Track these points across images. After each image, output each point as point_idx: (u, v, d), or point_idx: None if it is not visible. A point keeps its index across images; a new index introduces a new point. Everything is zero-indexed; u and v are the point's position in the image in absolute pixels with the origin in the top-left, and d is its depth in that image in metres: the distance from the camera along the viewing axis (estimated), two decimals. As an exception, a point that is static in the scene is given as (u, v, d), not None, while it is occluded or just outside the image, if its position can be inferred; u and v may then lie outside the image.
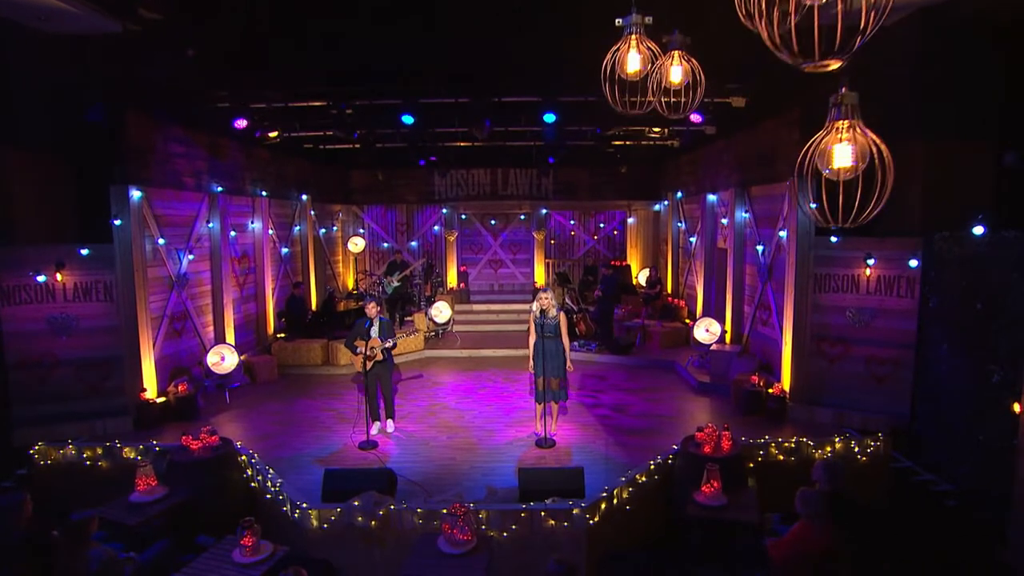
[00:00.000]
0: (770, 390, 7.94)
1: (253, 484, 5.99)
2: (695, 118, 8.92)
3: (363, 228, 15.84)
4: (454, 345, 11.71)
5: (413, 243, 15.73)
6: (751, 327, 9.66)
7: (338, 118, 9.19)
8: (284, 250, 12.12)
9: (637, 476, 5.71)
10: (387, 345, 7.11)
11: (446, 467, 6.42)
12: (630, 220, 15.27)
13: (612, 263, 11.75)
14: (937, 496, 6.42)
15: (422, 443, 7.10)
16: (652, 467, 5.90)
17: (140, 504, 5.23)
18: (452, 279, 14.85)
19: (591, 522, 5.10)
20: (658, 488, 5.92)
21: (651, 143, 12.62)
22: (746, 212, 9.78)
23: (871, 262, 7.27)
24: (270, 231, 11.43)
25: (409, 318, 12.56)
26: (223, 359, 8.75)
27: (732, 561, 4.93)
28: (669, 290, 13.52)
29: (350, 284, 15.14)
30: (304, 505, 5.20)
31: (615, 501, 5.39)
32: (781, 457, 6.49)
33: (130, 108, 7.56)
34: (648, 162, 14.19)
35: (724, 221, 10.76)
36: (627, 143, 12.57)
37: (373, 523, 5.13)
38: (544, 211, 14.79)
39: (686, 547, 5.33)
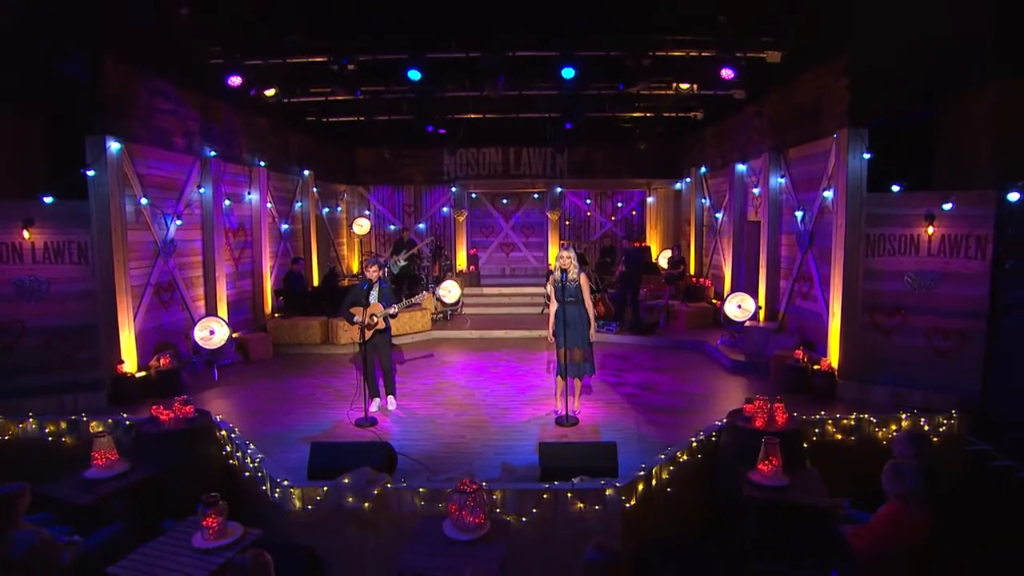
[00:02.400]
0: (815, 367, 7.02)
1: (232, 462, 5.16)
2: (726, 73, 8.01)
3: (369, 210, 15.05)
4: (464, 326, 10.85)
5: (421, 225, 14.91)
6: (788, 302, 8.72)
7: (339, 74, 8.38)
8: (284, 226, 11.33)
9: (678, 454, 4.83)
10: (390, 312, 6.27)
11: (454, 446, 5.57)
12: (649, 200, 14.35)
13: (635, 243, 10.83)
14: (1021, 484, 5.47)
15: (427, 421, 6.26)
16: (694, 444, 5.03)
17: (96, 481, 4.42)
18: (461, 261, 13.99)
19: (627, 505, 4.23)
20: (701, 468, 5.04)
21: (672, 116, 11.78)
22: (782, 177, 8.86)
23: (935, 219, 6.34)
24: (269, 204, 10.65)
25: (416, 299, 11.70)
26: (212, 333, 7.95)
27: (798, 552, 4.03)
28: (692, 271, 12.59)
29: (355, 268, 14.31)
30: (285, 483, 4.36)
31: (654, 482, 4.52)
32: (839, 436, 5.59)
33: (110, 55, 6.79)
34: (669, 137, 13.27)
35: (756, 191, 9.84)
36: (647, 115, 11.72)
37: (366, 505, 4.28)
38: (559, 190, 13.91)
39: (740, 536, 4.43)
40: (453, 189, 14.12)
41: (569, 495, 4.20)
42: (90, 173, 6.46)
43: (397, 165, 14.48)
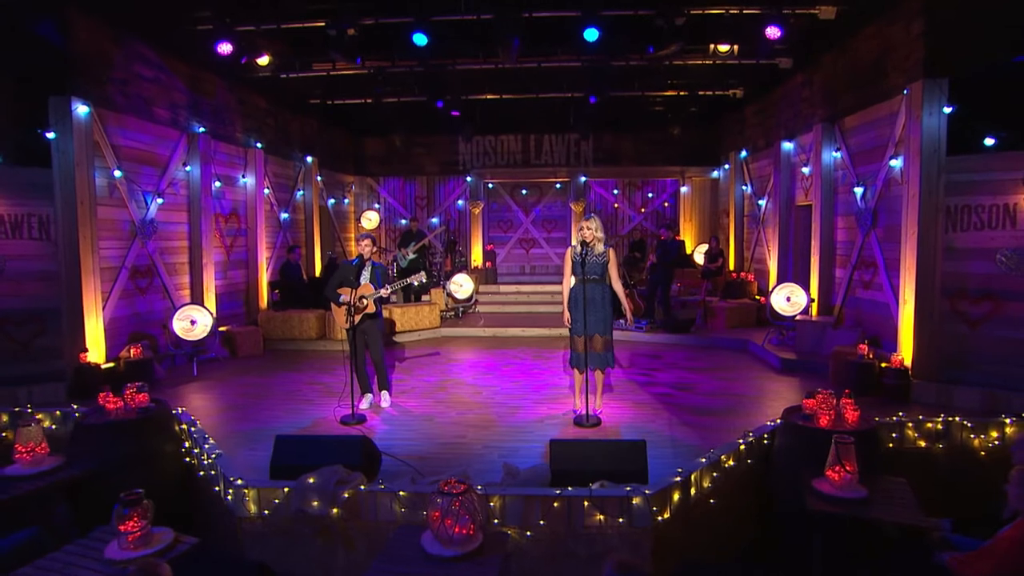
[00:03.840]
0: (883, 364, 6.15)
1: (189, 459, 4.55)
2: (771, 32, 7.26)
3: (379, 202, 14.57)
4: (476, 324, 10.19)
5: (434, 219, 14.36)
6: (846, 293, 7.85)
7: (338, 40, 7.88)
8: (284, 215, 10.87)
9: (723, 457, 4.06)
10: (381, 293, 5.64)
11: (451, 446, 4.88)
12: (683, 190, 13.55)
13: (668, 234, 10.00)
14: None
15: (424, 419, 5.58)
16: (743, 447, 4.25)
17: (16, 478, 3.83)
18: (477, 257, 13.38)
19: (660, 518, 3.48)
20: (750, 475, 4.26)
21: (709, 95, 11.05)
22: (837, 151, 8.03)
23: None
24: (266, 190, 10.20)
25: (426, 296, 11.13)
26: (193, 323, 7.43)
27: (884, 584, 3.22)
28: (732, 267, 11.74)
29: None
30: (239, 482, 3.72)
31: (693, 490, 3.76)
32: (922, 443, 4.74)
33: (81, 11, 6.39)
34: (705, 120, 12.51)
35: (805, 170, 9.01)
36: (680, 94, 11.00)
37: (334, 511, 3.62)
38: (583, 179, 13.23)
39: (801, 559, 3.63)
40: (468, 179, 13.55)
41: (586, 504, 3.47)
42: (50, 135, 6.01)
43: (408, 154, 14.00)
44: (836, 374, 6.57)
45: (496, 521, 3.48)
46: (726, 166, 12.37)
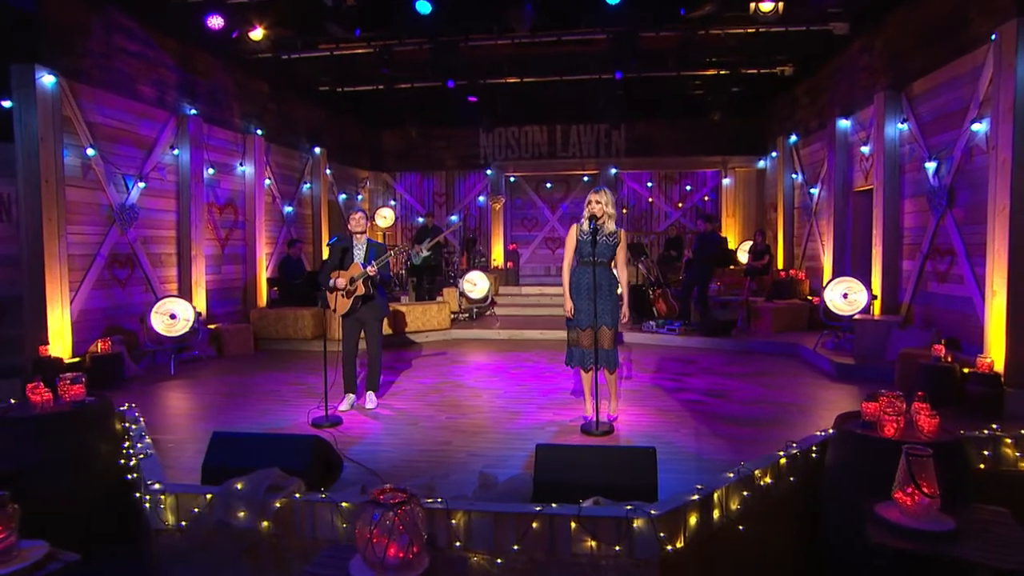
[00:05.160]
0: (966, 369, 5.28)
1: (123, 461, 4.07)
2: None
3: (395, 199, 14.20)
4: (492, 326, 9.60)
5: (454, 217, 13.89)
6: (916, 287, 6.96)
7: (334, 9, 7.50)
8: (287, 209, 10.57)
9: (756, 472, 3.34)
10: (367, 272, 5.12)
11: (430, 453, 4.28)
12: (725, 182, 12.72)
13: (706, 227, 9.14)
14: None
15: (408, 423, 5.01)
16: (783, 461, 3.52)
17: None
18: (498, 256, 12.83)
19: (669, 547, 2.79)
20: (792, 496, 3.52)
21: (753, 74, 10.27)
22: (903, 123, 7.19)
23: None
24: (267, 181, 9.90)
25: (440, 296, 10.63)
26: (174, 317, 7.07)
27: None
28: (781, 264, 10.85)
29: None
30: (156, 486, 3.21)
31: (716, 512, 3.06)
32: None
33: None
34: (748, 103, 11.68)
35: (865, 149, 8.16)
36: (720, 74, 10.27)
37: (264, 524, 3.05)
38: (613, 171, 12.57)
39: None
40: (488, 172, 13.05)
41: (573, 525, 2.81)
42: (6, 104, 5.75)
43: (426, 147, 13.61)
44: (903, 381, 5.71)
45: (459, 544, 2.85)
46: (773, 154, 11.52)
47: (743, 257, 11.40)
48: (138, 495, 3.42)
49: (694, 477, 3.59)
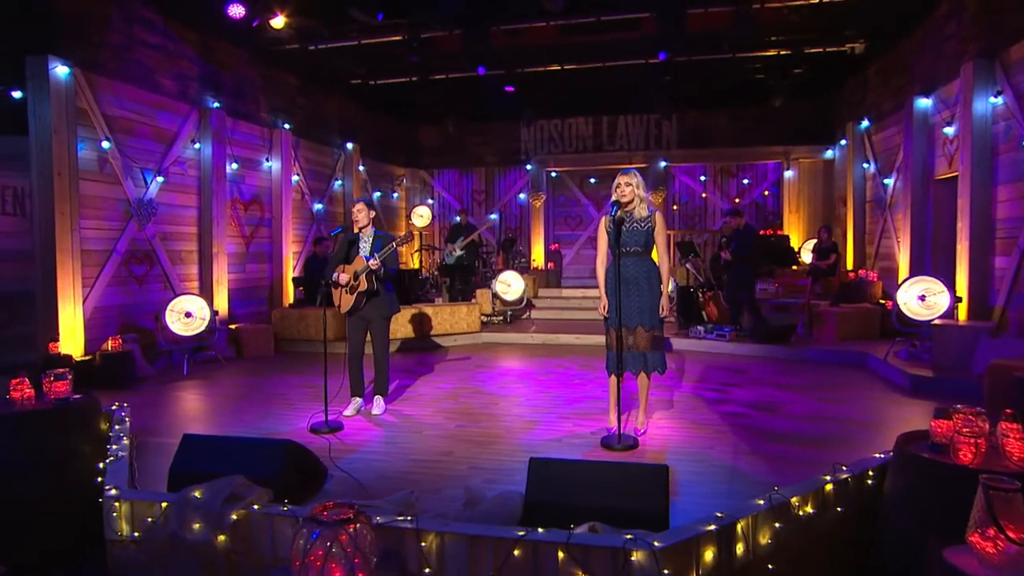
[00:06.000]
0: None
1: (103, 465, 3.97)
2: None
3: (432, 197, 14.10)
4: (527, 330, 9.28)
5: (493, 215, 13.66)
6: (1011, 289, 6.24)
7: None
8: (317, 206, 10.58)
9: (794, 500, 2.90)
10: (370, 265, 4.91)
11: (428, 464, 4.00)
12: (787, 175, 11.97)
13: (737, 221, 8.26)
14: None
15: (413, 431, 4.76)
16: (830, 487, 3.06)
17: None
18: (538, 257, 12.52)
19: (674, 584, 2.41)
20: (839, 531, 3.06)
21: (819, 53, 9.62)
22: (997, 95, 6.48)
23: None
24: (295, 177, 9.93)
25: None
26: (189, 316, 7.08)
27: None
28: (850, 265, 10.10)
29: (414, 264, 13.26)
30: (112, 492, 3.05)
31: (739, 547, 2.65)
32: None
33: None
34: (814, 87, 10.97)
35: (949, 131, 7.44)
36: (781, 54, 9.67)
37: (220, 538, 2.84)
38: (663, 164, 12.06)
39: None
40: (528, 167, 12.77)
41: (561, 556, 2.46)
42: (16, 94, 5.85)
43: (464, 142, 13.45)
44: (993, 398, 5.05)
45: (428, 570, 2.55)
46: (842, 142, 10.77)
47: (807, 257, 10.70)
48: (101, 501, 3.27)
49: (723, 502, 3.18)
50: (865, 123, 10.00)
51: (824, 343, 7.79)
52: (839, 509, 3.06)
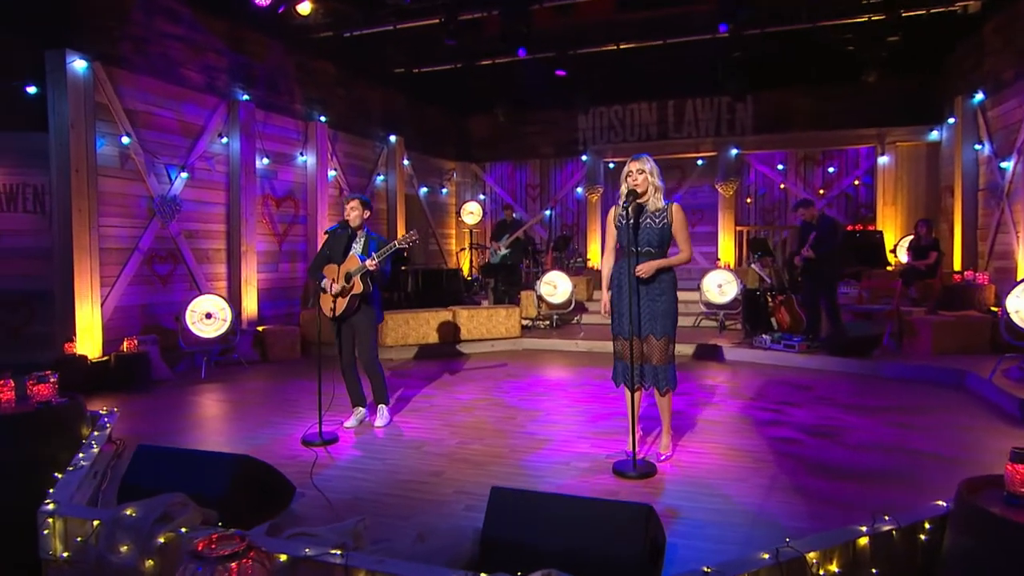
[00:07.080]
0: None
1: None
2: None
3: (484, 193, 13.95)
4: (574, 336, 8.95)
5: (548, 211, 13.37)
6: None
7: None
8: (356, 202, 10.62)
9: (809, 556, 2.48)
10: (367, 266, 4.77)
11: (410, 486, 3.78)
12: (882, 161, 11.00)
13: (809, 213, 7.46)
14: None
15: (411, 447, 4.56)
16: (863, 541, 2.61)
17: None
18: (595, 256, 12.12)
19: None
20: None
21: (922, 15, 8.75)
22: None
23: None
24: (333, 171, 10.00)
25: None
26: (210, 317, 7.20)
27: None
28: (958, 266, 9.14)
29: (464, 267, 13.15)
30: (49, 506, 3.00)
31: (728, 608, 2.26)
32: None
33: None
34: (914, 57, 10.00)
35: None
36: (873, 20, 8.87)
37: (148, 563, 2.71)
38: (734, 152, 11.38)
39: None
40: (584, 158, 12.39)
41: (504, 608, 2.17)
42: (31, 89, 6.08)
43: (517, 133, 13.22)
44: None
45: (355, 616, 2.33)
46: (950, 120, 9.77)
47: (903, 256, 9.80)
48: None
49: (727, 551, 2.79)
50: (979, 96, 9.00)
51: (915, 357, 7.03)
52: (874, 571, 2.59)
